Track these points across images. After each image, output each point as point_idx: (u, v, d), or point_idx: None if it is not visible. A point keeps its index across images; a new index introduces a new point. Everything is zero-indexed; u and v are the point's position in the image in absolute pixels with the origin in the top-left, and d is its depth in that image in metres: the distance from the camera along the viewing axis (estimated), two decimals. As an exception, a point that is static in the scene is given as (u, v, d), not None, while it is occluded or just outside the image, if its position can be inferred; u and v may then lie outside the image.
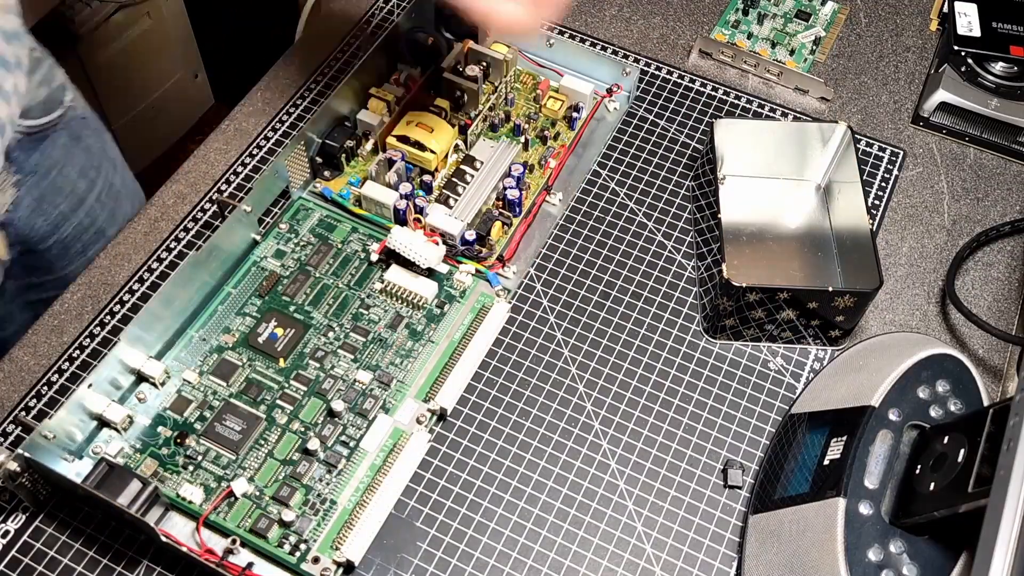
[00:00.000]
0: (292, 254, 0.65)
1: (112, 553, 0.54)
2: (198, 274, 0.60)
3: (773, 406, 0.61)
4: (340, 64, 0.78)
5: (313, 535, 0.54)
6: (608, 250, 0.68)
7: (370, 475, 0.56)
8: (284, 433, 0.57)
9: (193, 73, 1.59)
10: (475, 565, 0.54)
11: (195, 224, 0.68)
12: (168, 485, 0.55)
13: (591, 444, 0.59)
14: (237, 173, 0.71)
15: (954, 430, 0.50)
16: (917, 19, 0.83)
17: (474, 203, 0.66)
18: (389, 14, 0.82)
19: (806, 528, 0.51)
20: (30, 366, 0.61)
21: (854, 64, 0.80)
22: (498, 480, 0.57)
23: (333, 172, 0.69)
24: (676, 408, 0.61)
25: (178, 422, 0.57)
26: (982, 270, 0.68)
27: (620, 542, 0.56)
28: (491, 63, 0.72)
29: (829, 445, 0.54)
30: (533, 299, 0.65)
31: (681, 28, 0.82)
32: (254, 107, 0.75)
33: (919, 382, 0.54)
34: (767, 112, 0.76)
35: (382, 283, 0.63)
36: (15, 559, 0.54)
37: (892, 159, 0.74)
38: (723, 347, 0.64)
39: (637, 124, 0.75)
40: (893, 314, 0.66)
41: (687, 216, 0.70)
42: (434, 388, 0.59)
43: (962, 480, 0.47)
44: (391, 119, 0.68)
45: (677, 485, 0.58)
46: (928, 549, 0.49)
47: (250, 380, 0.59)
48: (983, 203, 0.72)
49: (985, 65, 0.74)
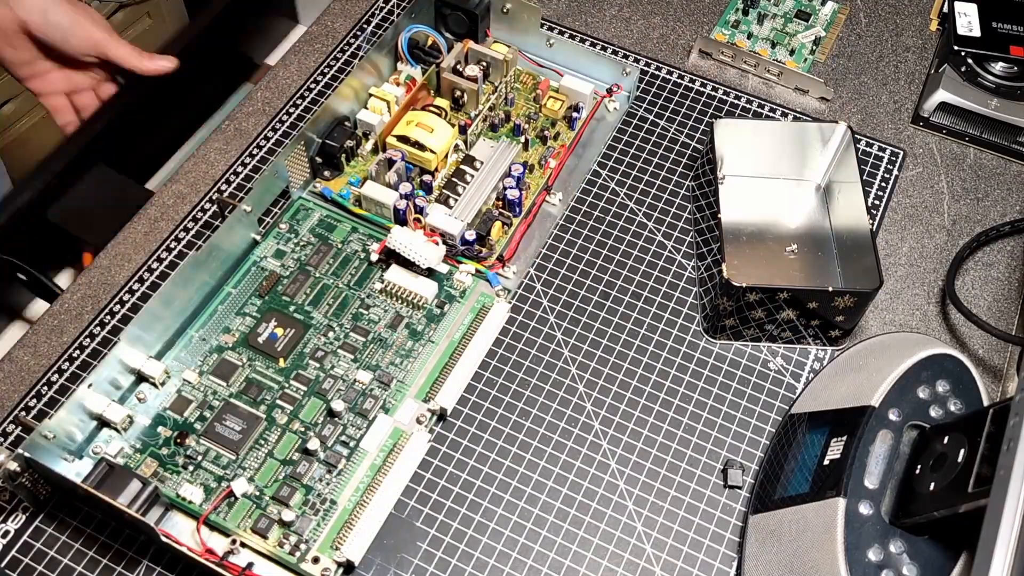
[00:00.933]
0: (292, 254, 0.65)
1: (112, 553, 0.54)
2: (198, 274, 0.60)
3: (773, 406, 0.61)
4: (340, 64, 0.78)
5: (313, 535, 0.54)
6: (608, 250, 0.68)
7: (370, 475, 0.56)
8: (284, 433, 0.57)
9: (193, 73, 1.59)
10: (475, 565, 0.54)
11: (195, 224, 0.68)
12: (168, 485, 0.55)
13: (591, 444, 0.59)
14: (237, 173, 0.71)
15: (954, 430, 0.50)
16: (917, 19, 0.83)
17: (474, 203, 0.66)
18: (389, 14, 0.82)
19: (806, 528, 0.51)
20: (30, 366, 0.61)
21: (854, 64, 0.80)
22: (498, 480, 0.57)
23: (333, 172, 0.69)
24: (676, 408, 0.61)
25: (178, 422, 0.57)
26: (982, 270, 0.68)
27: (620, 542, 0.56)
28: (491, 63, 0.72)
29: (829, 445, 0.54)
30: (533, 299, 0.65)
31: (681, 28, 0.82)
32: (254, 107, 0.75)
33: (919, 382, 0.54)
34: (767, 112, 0.76)
35: (382, 283, 0.63)
36: (15, 559, 0.54)
37: (892, 159, 0.74)
38: (723, 347, 0.64)
39: (637, 124, 0.75)
40: (893, 314, 0.66)
41: (687, 216, 0.70)
42: (434, 388, 0.59)
43: (962, 480, 0.47)
44: (391, 119, 0.68)
45: (677, 485, 0.58)
46: (928, 549, 0.49)
47: (250, 380, 0.59)
48: (983, 203, 0.72)
49: (985, 65, 0.74)
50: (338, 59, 0.78)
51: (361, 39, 0.80)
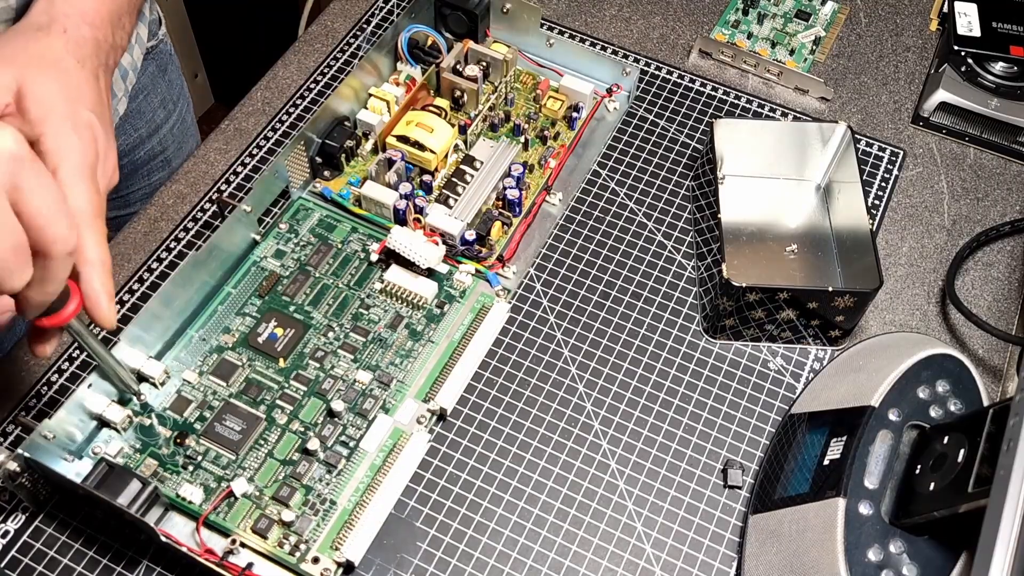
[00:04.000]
0: (292, 254, 0.65)
1: (112, 553, 0.54)
2: (198, 274, 0.60)
3: (773, 406, 0.61)
4: (340, 64, 0.78)
5: (313, 535, 0.54)
6: (608, 250, 0.68)
7: (370, 475, 0.56)
8: (284, 433, 0.57)
9: (193, 73, 1.59)
10: (475, 565, 0.54)
11: (195, 224, 0.68)
12: (168, 485, 0.55)
13: (591, 444, 0.59)
14: (237, 173, 0.71)
15: (954, 430, 0.50)
16: (917, 19, 0.83)
17: (474, 203, 0.66)
18: (389, 14, 0.82)
19: (806, 528, 0.51)
20: (30, 366, 0.61)
21: (854, 64, 0.80)
22: (498, 480, 0.57)
23: (333, 172, 0.69)
24: (676, 408, 0.61)
25: (178, 422, 0.57)
26: (982, 270, 0.68)
27: (620, 542, 0.56)
28: (491, 63, 0.72)
29: (829, 445, 0.54)
30: (533, 299, 0.65)
31: (681, 28, 0.82)
32: (254, 107, 0.75)
33: (919, 382, 0.54)
34: (767, 112, 0.76)
35: (382, 283, 0.63)
36: (15, 559, 0.54)
37: (892, 159, 0.74)
38: (723, 347, 0.64)
39: (637, 124, 0.75)
40: (893, 314, 0.66)
41: (687, 216, 0.70)
42: (434, 388, 0.59)
43: (962, 480, 0.47)
44: (391, 119, 0.68)
45: (677, 485, 0.58)
46: (928, 549, 0.49)
47: (250, 380, 0.59)
48: (983, 203, 0.72)
49: (985, 65, 0.74)
50: (338, 59, 0.78)
51: (361, 39, 0.80)
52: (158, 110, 0.80)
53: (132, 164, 0.80)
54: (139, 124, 0.78)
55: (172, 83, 0.82)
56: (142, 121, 0.78)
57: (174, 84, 0.82)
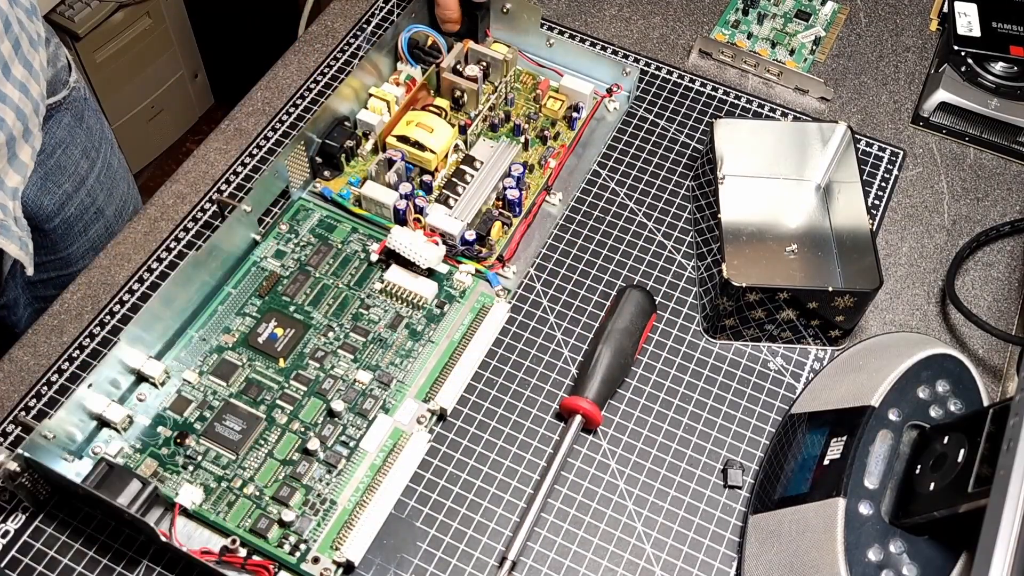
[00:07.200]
0: (292, 254, 0.65)
1: (112, 553, 0.54)
2: (198, 274, 0.60)
3: (773, 406, 0.61)
4: (340, 64, 0.78)
5: (313, 535, 0.54)
6: (608, 250, 0.68)
7: (370, 475, 0.56)
8: (284, 433, 0.57)
9: (193, 73, 1.59)
10: (475, 565, 0.54)
11: (195, 224, 0.68)
12: (168, 485, 0.55)
13: (591, 444, 0.59)
14: (237, 173, 0.71)
15: (954, 430, 0.50)
16: (917, 19, 0.83)
17: (474, 203, 0.66)
18: (389, 14, 0.82)
19: (806, 528, 0.51)
20: (30, 366, 0.61)
21: (854, 64, 0.80)
22: (498, 480, 0.57)
23: (333, 172, 0.69)
24: (676, 408, 0.61)
25: (178, 422, 0.57)
26: (982, 270, 0.68)
27: (620, 542, 0.56)
28: (491, 63, 0.72)
29: (829, 445, 0.54)
30: (533, 299, 0.65)
31: (681, 28, 0.82)
32: (254, 107, 0.75)
33: (919, 382, 0.54)
34: (767, 112, 0.76)
35: (382, 283, 0.63)
36: (15, 559, 0.54)
37: (892, 159, 0.74)
38: (723, 347, 0.64)
39: (637, 124, 0.75)
40: (893, 314, 0.66)
41: (687, 216, 0.70)
42: (434, 388, 0.59)
43: (962, 480, 0.47)
44: (391, 119, 0.68)
45: (677, 485, 0.58)
46: (928, 549, 0.49)
47: (250, 380, 0.59)
48: (983, 203, 0.72)
49: (985, 65, 0.74)
50: (338, 59, 0.78)
51: (361, 39, 0.80)
52: (80, 161, 0.76)
53: (65, 222, 0.76)
54: (62, 180, 0.74)
55: (91, 130, 0.77)
56: (64, 176, 0.74)
57: (94, 131, 0.78)
